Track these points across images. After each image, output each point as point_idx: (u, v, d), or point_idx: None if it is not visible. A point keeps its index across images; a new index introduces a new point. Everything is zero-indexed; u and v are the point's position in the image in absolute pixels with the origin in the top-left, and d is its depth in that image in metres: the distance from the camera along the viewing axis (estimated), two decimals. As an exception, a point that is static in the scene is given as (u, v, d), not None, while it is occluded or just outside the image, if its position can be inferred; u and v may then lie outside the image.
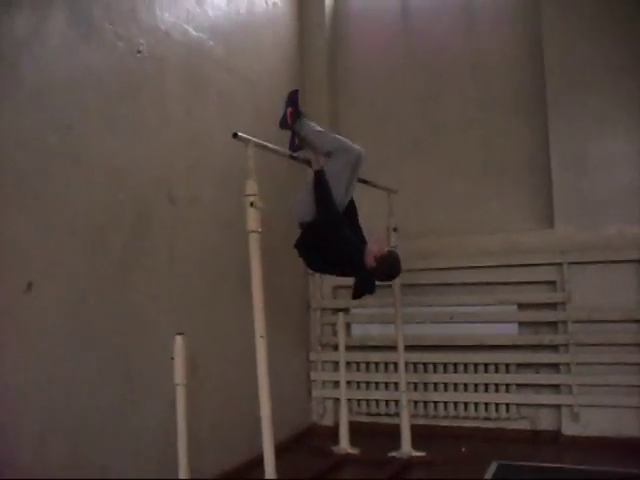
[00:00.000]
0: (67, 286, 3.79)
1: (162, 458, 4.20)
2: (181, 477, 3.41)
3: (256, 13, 6.17)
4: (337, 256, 4.30)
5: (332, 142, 4.59)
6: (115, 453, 4.03)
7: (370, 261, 4.23)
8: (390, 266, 4.32)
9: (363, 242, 4.52)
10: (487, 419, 6.31)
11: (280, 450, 3.89)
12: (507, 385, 6.24)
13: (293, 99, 4.78)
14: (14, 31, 3.54)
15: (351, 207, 4.65)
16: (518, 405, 6.22)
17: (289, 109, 4.73)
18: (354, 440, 5.89)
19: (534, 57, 6.50)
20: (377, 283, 4.50)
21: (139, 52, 4.47)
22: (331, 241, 4.28)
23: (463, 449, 5.82)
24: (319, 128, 4.70)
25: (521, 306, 6.27)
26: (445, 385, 6.43)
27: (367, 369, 6.69)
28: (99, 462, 3.89)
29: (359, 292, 4.57)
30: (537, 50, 6.45)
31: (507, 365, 6.24)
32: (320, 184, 4.38)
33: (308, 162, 4.57)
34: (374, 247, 4.29)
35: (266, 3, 6.39)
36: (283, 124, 4.77)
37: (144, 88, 4.54)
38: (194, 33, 5.12)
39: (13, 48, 3.53)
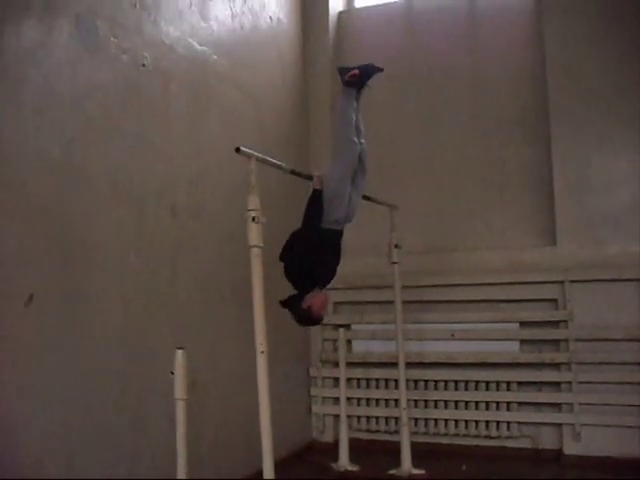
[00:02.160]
0: (67, 300, 3.77)
1: (161, 473, 4.16)
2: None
3: (260, 29, 6.20)
4: (294, 269, 4.26)
5: (337, 141, 4.58)
6: (113, 471, 4.01)
7: (304, 302, 4.18)
8: (305, 320, 4.29)
9: (325, 280, 4.43)
10: (488, 437, 6.26)
11: (280, 466, 3.86)
12: (508, 403, 6.20)
13: (368, 70, 4.58)
14: (19, 43, 3.54)
15: (336, 242, 4.55)
16: (519, 423, 6.17)
17: (358, 70, 4.53)
18: (354, 457, 5.86)
19: (537, 74, 6.52)
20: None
21: (143, 65, 4.48)
22: (298, 254, 4.27)
23: (463, 467, 5.78)
24: (350, 115, 4.51)
25: (523, 324, 6.24)
26: (446, 403, 6.40)
27: (367, 386, 6.66)
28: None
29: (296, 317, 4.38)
30: (540, 67, 6.46)
31: (508, 383, 6.20)
32: (313, 203, 4.37)
33: (310, 177, 4.56)
34: (317, 301, 4.20)
35: (270, 19, 6.42)
36: (341, 72, 4.61)
37: (148, 101, 4.54)
38: (198, 47, 5.13)
39: (18, 60, 3.53)
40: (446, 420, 6.40)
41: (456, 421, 6.37)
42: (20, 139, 3.52)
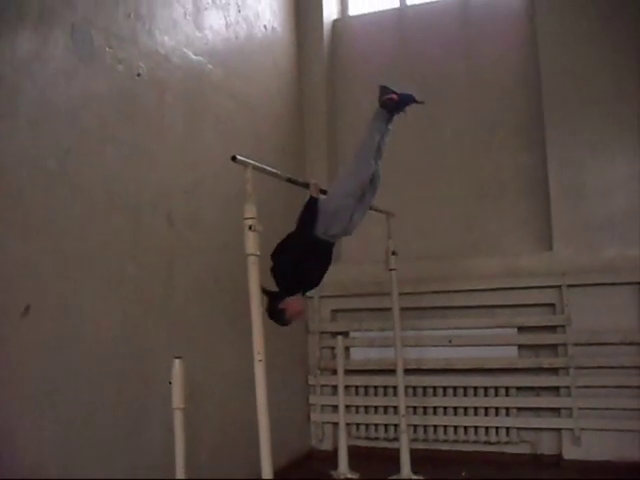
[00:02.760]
0: (64, 310, 3.76)
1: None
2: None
3: (255, 38, 6.21)
4: (281, 271, 4.24)
5: (354, 159, 4.59)
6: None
7: (282, 303, 4.15)
8: (275, 318, 4.20)
9: (309, 287, 4.46)
10: (487, 443, 6.26)
11: (279, 475, 3.86)
12: (507, 409, 6.19)
13: (407, 99, 4.67)
14: (14, 54, 3.55)
15: (323, 247, 4.53)
16: (518, 429, 6.18)
17: (397, 96, 4.61)
18: (353, 465, 5.84)
19: (532, 79, 6.55)
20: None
21: (138, 75, 4.49)
22: (287, 256, 4.27)
23: (463, 473, 5.77)
24: (375, 136, 4.57)
25: (521, 329, 6.24)
26: (445, 409, 6.39)
27: (366, 393, 6.66)
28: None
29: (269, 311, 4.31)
30: (535, 71, 6.50)
31: (507, 388, 6.21)
32: (308, 210, 4.41)
33: (307, 185, 4.57)
34: (294, 307, 4.18)
35: (265, 28, 6.43)
36: (381, 91, 4.67)
37: (143, 111, 4.55)
38: (193, 57, 5.14)
39: (13, 71, 3.53)
40: (445, 426, 6.40)
41: (455, 427, 6.36)
42: (16, 149, 3.52)
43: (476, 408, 6.29)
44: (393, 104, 4.59)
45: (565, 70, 6.30)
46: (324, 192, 4.70)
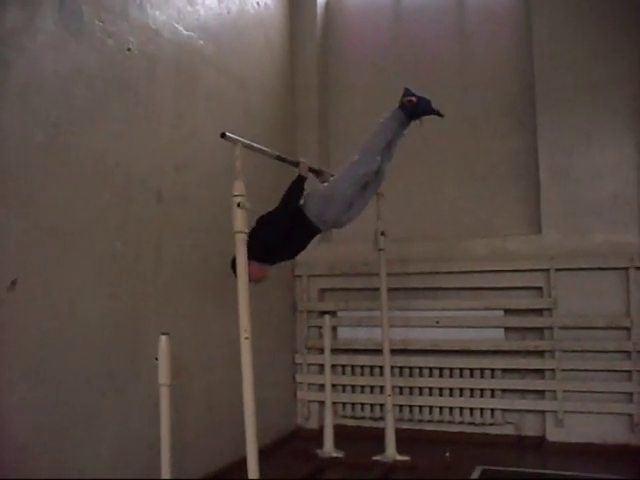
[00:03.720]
0: (51, 285, 3.75)
1: (145, 459, 4.16)
2: (164, 478, 3.40)
3: (247, 13, 6.16)
4: (260, 236, 4.18)
5: (361, 151, 4.57)
6: (98, 456, 4.00)
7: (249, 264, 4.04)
8: (234, 271, 4.07)
9: (277, 260, 4.48)
10: (472, 424, 6.30)
11: (264, 453, 3.88)
12: (492, 390, 6.23)
13: (425, 105, 4.70)
14: (3, 26, 3.50)
15: (309, 230, 4.55)
16: (503, 410, 6.21)
17: (416, 99, 4.64)
18: (339, 443, 5.87)
19: (524, 65, 6.53)
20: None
21: (129, 50, 4.44)
22: (267, 225, 4.28)
23: (447, 454, 5.80)
24: (386, 134, 4.61)
25: (507, 311, 6.26)
26: (430, 389, 6.42)
27: (353, 372, 6.68)
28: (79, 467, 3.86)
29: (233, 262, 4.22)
30: (527, 57, 6.47)
31: (493, 370, 6.24)
32: (294, 187, 4.43)
33: (296, 164, 4.56)
34: (256, 272, 4.12)
35: (257, 4, 6.37)
36: (404, 93, 4.70)
37: (133, 86, 4.51)
38: (184, 32, 5.10)
39: (2, 43, 3.49)
40: (430, 407, 6.43)
41: (440, 408, 6.40)
42: (4, 123, 3.49)
43: (461, 389, 6.32)
44: (411, 107, 4.61)
45: (557, 56, 6.27)
46: (313, 170, 4.70)
